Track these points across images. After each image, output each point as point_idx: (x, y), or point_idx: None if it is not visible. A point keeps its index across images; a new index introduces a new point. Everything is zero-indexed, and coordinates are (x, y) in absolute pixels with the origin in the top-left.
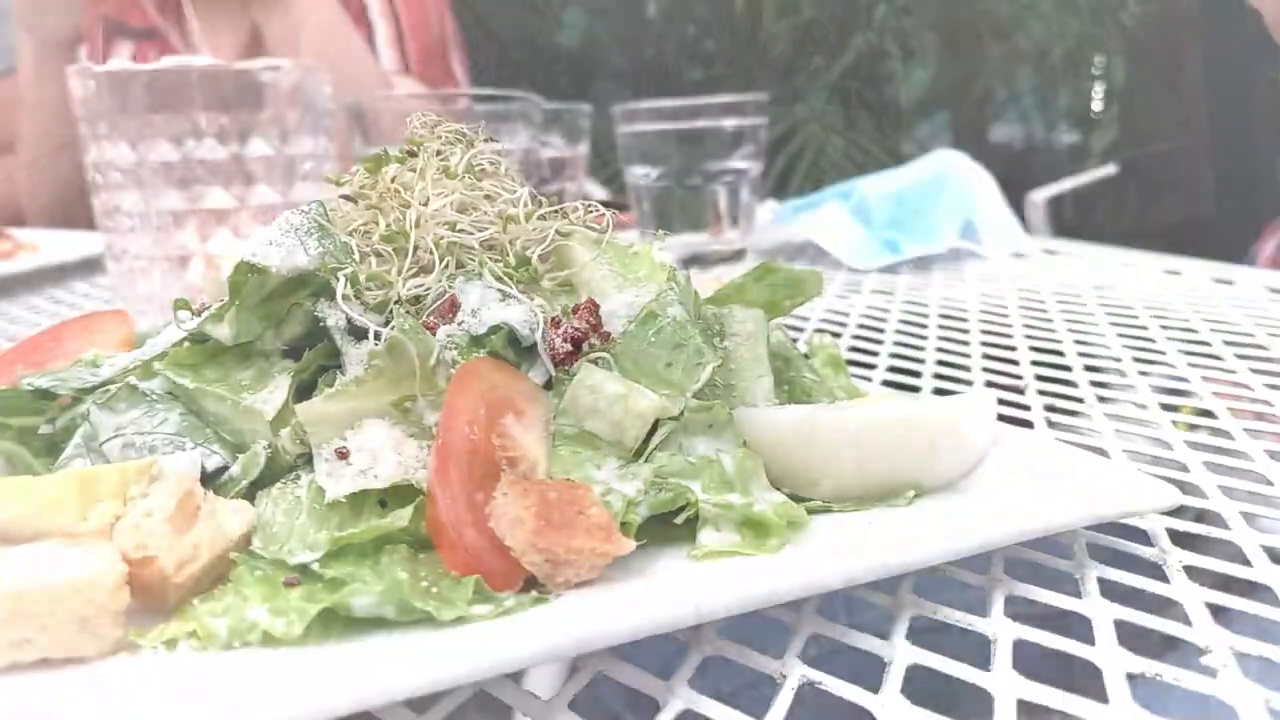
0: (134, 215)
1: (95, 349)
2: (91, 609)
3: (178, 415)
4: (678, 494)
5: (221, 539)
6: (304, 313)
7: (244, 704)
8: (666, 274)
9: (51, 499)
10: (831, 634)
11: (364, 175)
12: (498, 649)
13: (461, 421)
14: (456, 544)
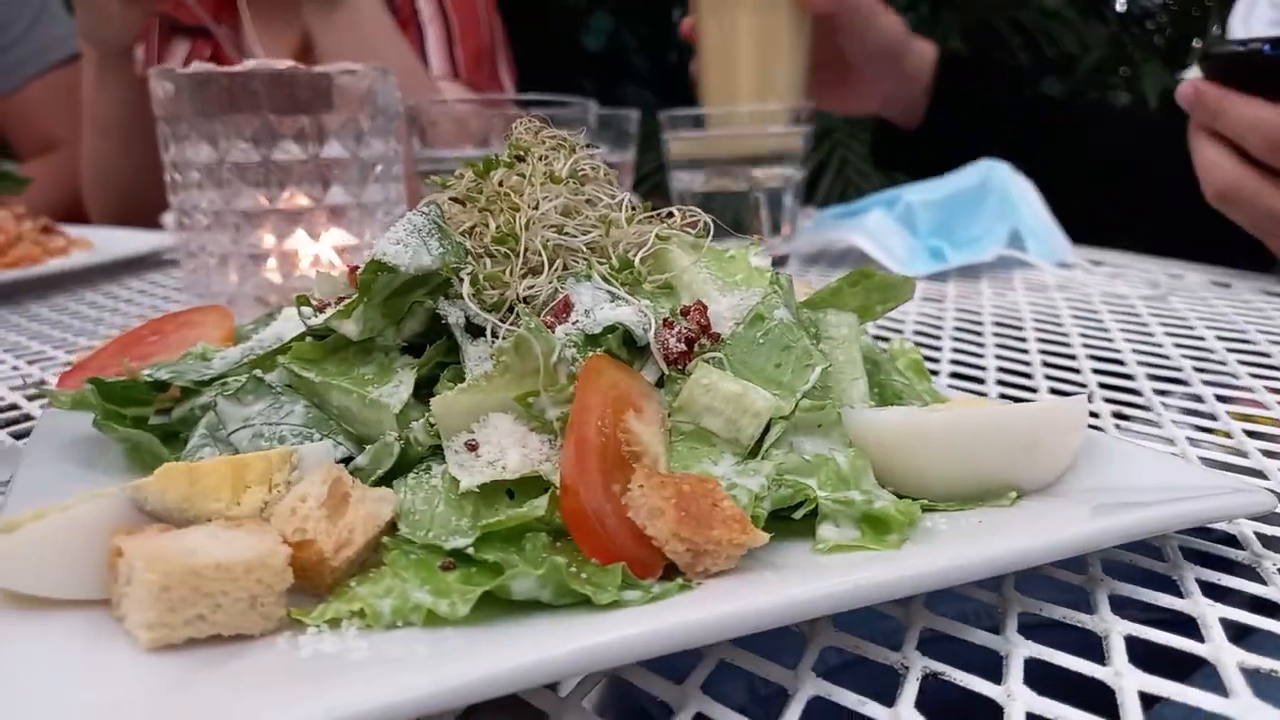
0: (211, 214)
1: (202, 342)
2: (260, 588)
3: (302, 408)
4: (797, 490)
5: (372, 524)
6: (423, 310)
7: (432, 677)
8: (763, 278)
9: (209, 485)
10: (944, 628)
11: (471, 179)
12: (657, 631)
13: (593, 417)
14: (599, 533)
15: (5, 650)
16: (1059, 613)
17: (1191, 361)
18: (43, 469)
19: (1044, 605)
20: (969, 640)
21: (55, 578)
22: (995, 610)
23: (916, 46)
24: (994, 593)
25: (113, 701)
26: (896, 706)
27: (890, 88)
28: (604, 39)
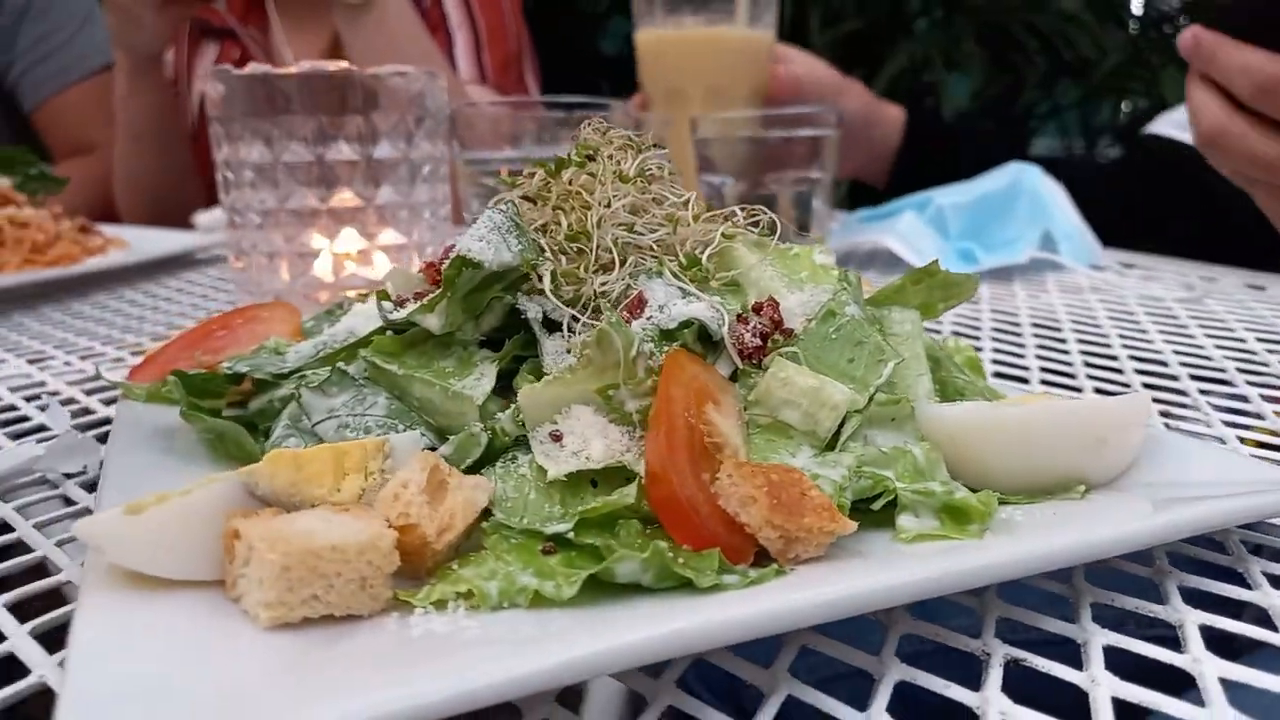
0: (264, 213)
1: (275, 336)
2: (370, 570)
3: (385, 399)
4: (876, 481)
5: (470, 510)
6: (501, 305)
7: (546, 655)
8: (828, 275)
9: (313, 471)
10: (1020, 617)
11: (541, 178)
12: (761, 613)
13: (680, 408)
14: (693, 520)
15: (134, 628)
16: (1131, 603)
17: (1234, 362)
18: (130, 458)
19: (1115, 596)
20: (1044, 629)
21: (174, 559)
22: (1067, 601)
23: (884, 115)
24: (1064, 584)
25: (240, 676)
26: (984, 691)
27: (861, 157)
28: (620, 43)
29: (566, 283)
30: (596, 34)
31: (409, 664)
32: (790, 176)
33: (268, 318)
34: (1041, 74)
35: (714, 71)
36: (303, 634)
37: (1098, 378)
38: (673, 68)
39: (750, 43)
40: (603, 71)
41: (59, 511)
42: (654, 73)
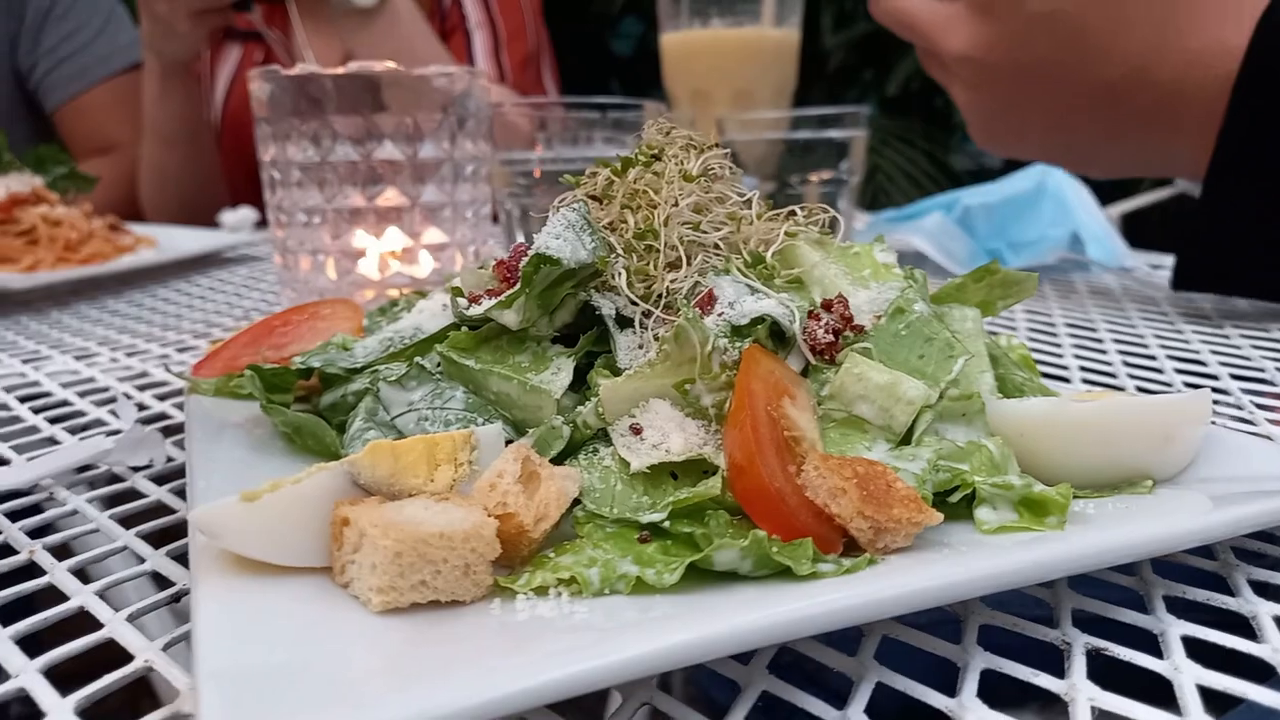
0: (312, 212)
1: (339, 333)
2: (474, 556)
3: (462, 393)
4: (954, 475)
5: (564, 499)
6: (574, 302)
7: (658, 639)
8: (891, 273)
9: (409, 461)
10: (1093, 609)
11: (607, 177)
12: (865, 599)
13: (761, 402)
14: (783, 510)
15: (252, 614)
16: (1201, 595)
17: (1272, 362)
18: (211, 451)
19: (1186, 589)
20: (1118, 620)
21: (286, 545)
22: (1136, 593)
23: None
24: (1132, 577)
25: (360, 659)
26: (1071, 678)
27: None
28: (631, 44)
29: (637, 280)
30: (608, 34)
31: (521, 647)
32: (817, 177)
33: (330, 314)
34: None
35: (740, 72)
36: (411, 618)
37: (1139, 377)
38: (699, 69)
39: (776, 43)
40: (613, 72)
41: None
42: (680, 74)
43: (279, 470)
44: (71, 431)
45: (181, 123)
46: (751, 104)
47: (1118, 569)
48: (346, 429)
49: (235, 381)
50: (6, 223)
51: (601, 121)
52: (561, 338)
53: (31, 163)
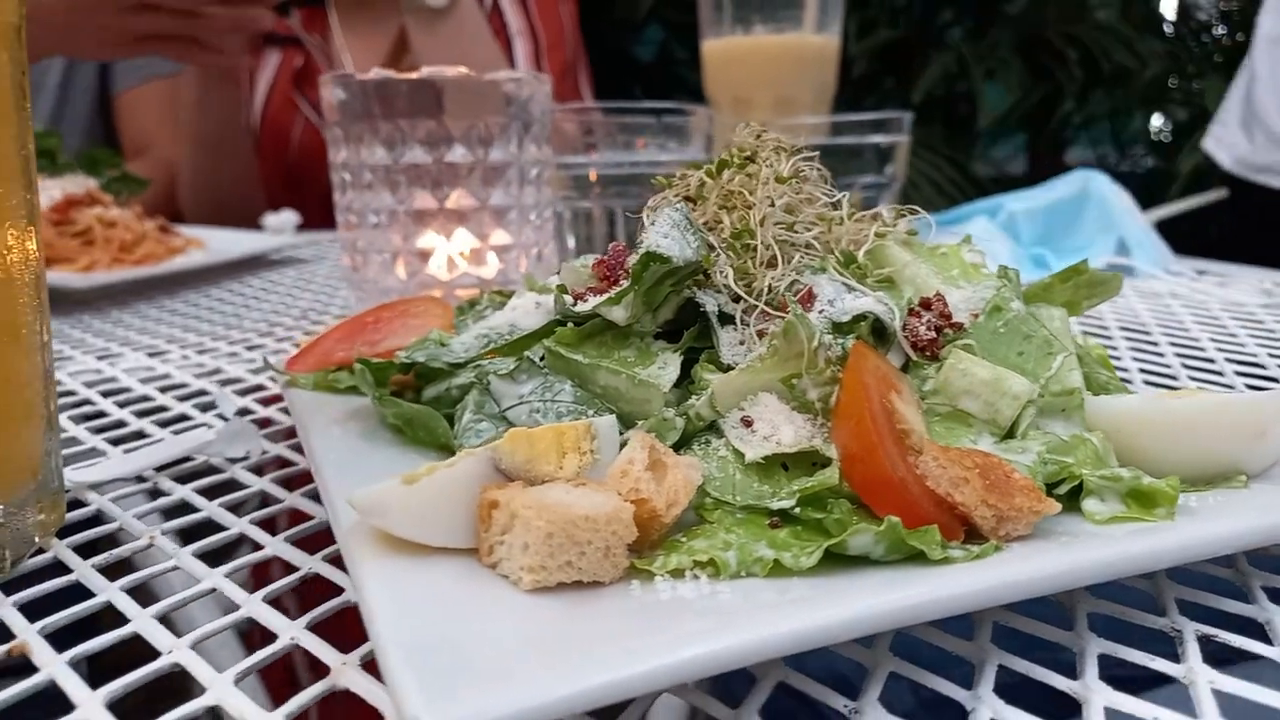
0: (383, 213)
1: (435, 329)
2: (614, 539)
3: (570, 387)
4: (1062, 467)
5: (691, 487)
6: (677, 299)
7: (804, 617)
8: (978, 273)
9: (542, 449)
10: (1198, 599)
11: (699, 178)
12: (1001, 582)
13: (875, 395)
14: (906, 499)
15: (420, 589)
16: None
17: None
18: (328, 441)
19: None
20: (1222, 609)
21: (438, 527)
22: (1233, 583)
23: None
24: (1228, 568)
25: (524, 631)
26: (1188, 662)
27: None
28: (655, 50)
29: (738, 278)
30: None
31: (675, 624)
32: (859, 182)
33: (422, 312)
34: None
35: (782, 78)
36: (559, 596)
37: (1199, 379)
38: (740, 75)
39: (818, 49)
40: (637, 78)
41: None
42: (721, 80)
43: (393, 460)
44: (161, 425)
45: (223, 131)
46: (793, 109)
47: (1214, 561)
48: (456, 421)
49: (332, 376)
50: (63, 224)
51: (654, 127)
52: (662, 334)
53: (85, 164)
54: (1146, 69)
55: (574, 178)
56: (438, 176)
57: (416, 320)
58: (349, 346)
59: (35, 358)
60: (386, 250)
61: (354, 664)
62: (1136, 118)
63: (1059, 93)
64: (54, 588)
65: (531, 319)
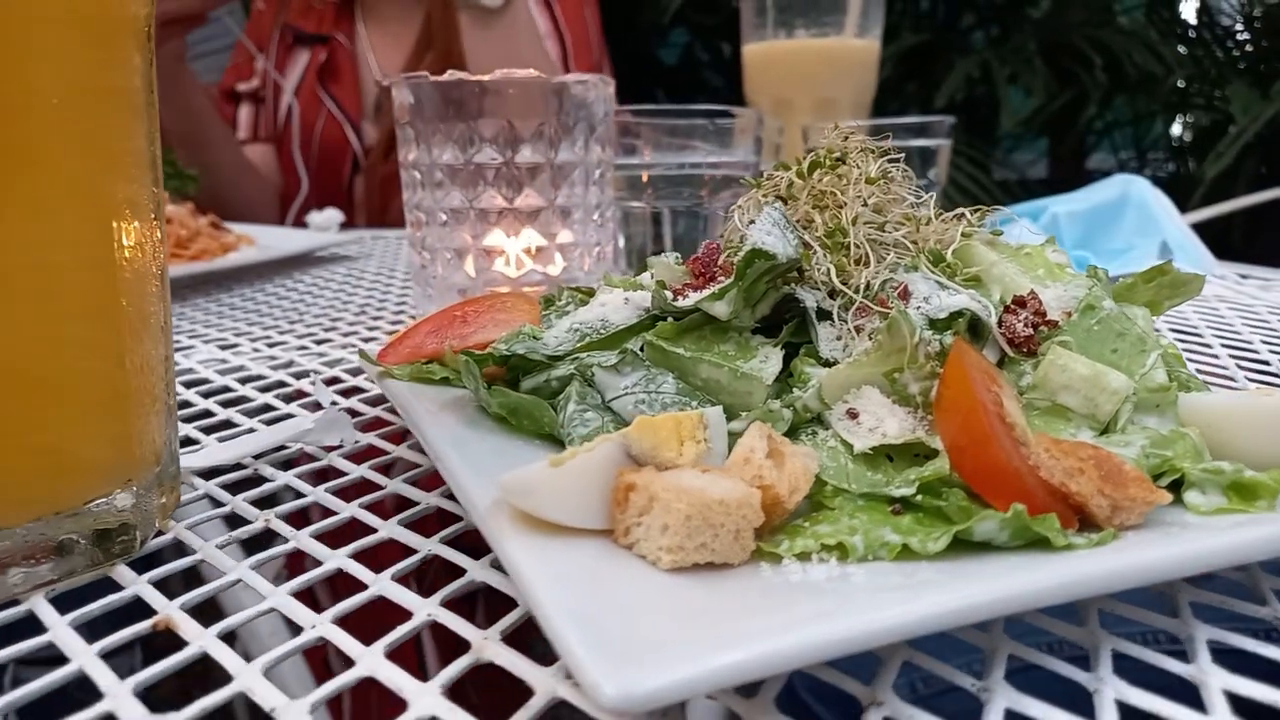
0: (453, 212)
1: (527, 324)
2: (743, 523)
3: (672, 379)
4: (1164, 461)
5: (810, 475)
6: (774, 295)
7: (940, 598)
8: (1063, 272)
9: (664, 436)
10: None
11: (788, 179)
12: (1129, 566)
13: (980, 388)
14: (1021, 488)
15: (569, 565)
16: None
17: None
18: (440, 430)
19: None
20: None
21: (577, 508)
22: None
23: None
24: None
25: (672, 605)
26: None
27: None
28: (679, 53)
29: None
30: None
31: (817, 603)
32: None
33: (510, 307)
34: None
35: (823, 81)
36: (695, 576)
37: (1257, 380)
38: (781, 78)
39: (859, 53)
40: (660, 81)
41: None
42: (762, 83)
43: (503, 447)
44: (247, 414)
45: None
46: (833, 112)
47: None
48: (560, 411)
49: (427, 367)
50: None
51: (706, 129)
52: (758, 329)
53: None
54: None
55: (626, 178)
56: (508, 176)
57: (504, 315)
58: (439, 340)
59: (160, 344)
60: (455, 248)
61: (494, 638)
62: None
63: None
64: (181, 566)
65: (621, 314)
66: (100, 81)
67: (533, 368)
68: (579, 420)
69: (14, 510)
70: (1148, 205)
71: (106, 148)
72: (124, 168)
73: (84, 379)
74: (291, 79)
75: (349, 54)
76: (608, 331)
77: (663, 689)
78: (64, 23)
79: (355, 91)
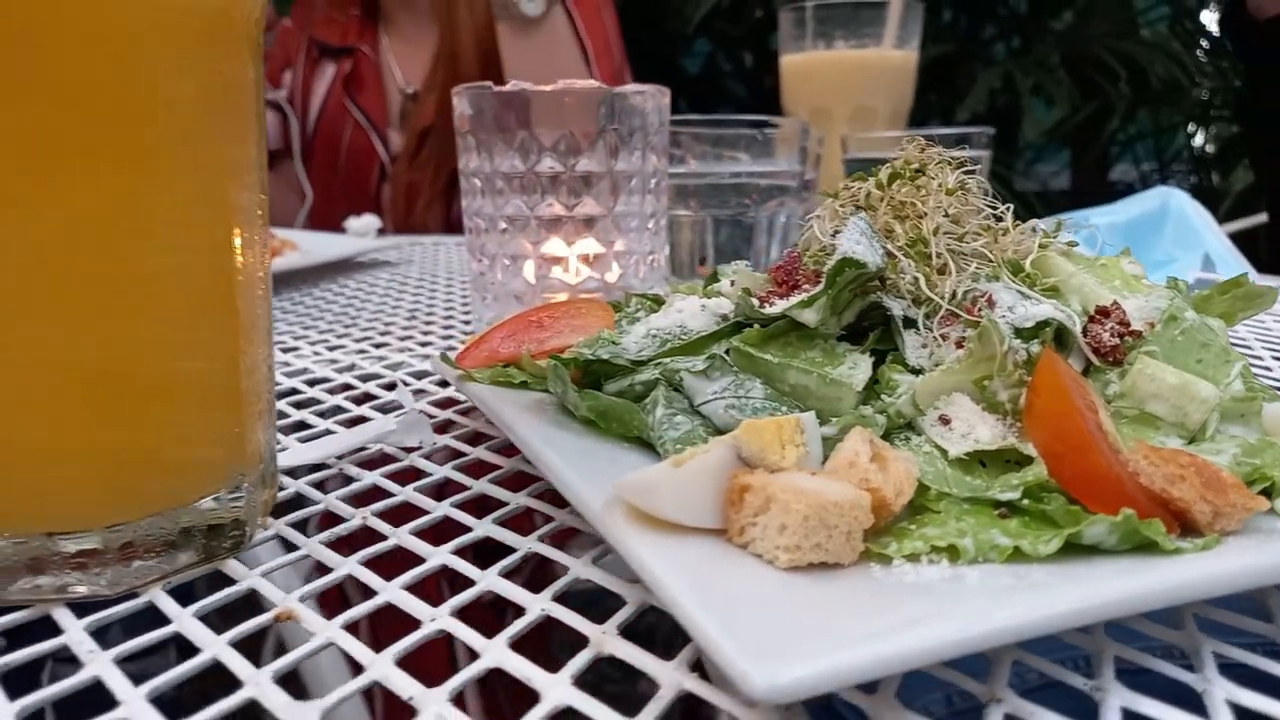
0: (513, 219)
1: (604, 329)
2: (855, 524)
3: (760, 384)
4: (1255, 469)
5: (913, 479)
6: (859, 303)
7: (1057, 598)
8: (1139, 284)
9: (768, 440)
10: None
11: (866, 190)
12: (1242, 568)
13: (1075, 395)
14: (1123, 494)
15: (695, 563)
16: None
17: None
18: (540, 430)
19: None
20: None
21: (693, 507)
22: None
23: None
24: None
25: (797, 601)
26: None
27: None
28: (702, 63)
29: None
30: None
31: (938, 602)
32: None
33: (586, 313)
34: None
35: (862, 91)
36: (810, 575)
37: None
38: (820, 88)
39: (898, 64)
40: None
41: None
42: (800, 92)
43: (595, 449)
44: (320, 415)
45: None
46: (871, 121)
47: None
48: (648, 414)
49: (506, 371)
50: None
51: (751, 139)
52: (842, 336)
53: None
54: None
55: (674, 187)
56: (568, 185)
57: (579, 321)
58: (516, 344)
59: (265, 345)
60: (514, 254)
61: (612, 633)
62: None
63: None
64: (286, 562)
65: (699, 320)
66: (220, 88)
67: (615, 372)
68: (669, 424)
69: (136, 504)
70: (1187, 217)
71: (226, 155)
72: (240, 174)
73: (203, 380)
74: (319, 91)
75: (373, 64)
76: (689, 338)
77: (809, 679)
78: (189, 29)
79: (380, 100)
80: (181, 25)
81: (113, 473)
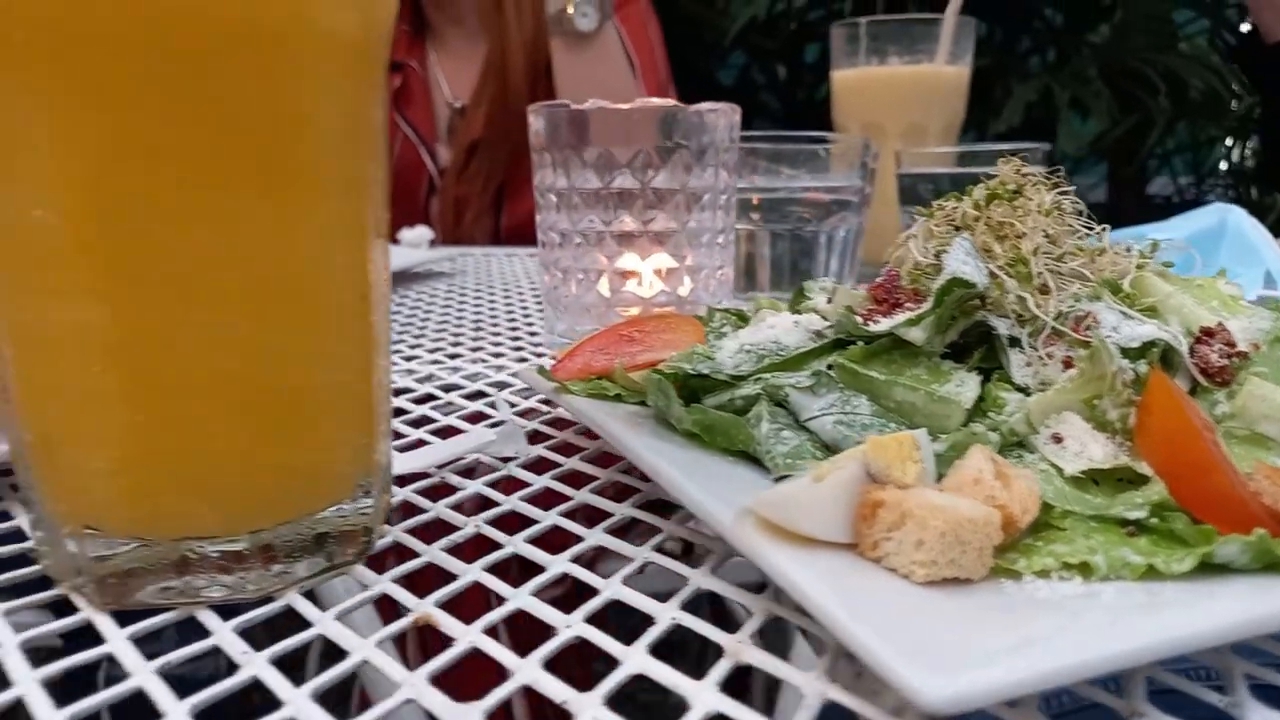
0: (589, 234)
1: (694, 343)
2: (986, 541)
3: (866, 401)
4: None
5: (1036, 496)
6: (964, 321)
7: (1194, 616)
8: (1237, 305)
9: (892, 456)
10: None
11: (965, 209)
12: None
13: (1192, 415)
14: (1247, 514)
15: (840, 576)
16: None
17: None
18: (649, 443)
19: None
20: None
21: (827, 521)
22: None
23: None
24: None
25: (948, 614)
26: None
27: None
28: (736, 75)
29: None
30: (716, 65)
31: (1079, 619)
32: None
33: (676, 328)
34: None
35: (914, 107)
36: (945, 590)
37: None
38: (872, 103)
39: (950, 80)
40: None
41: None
42: (852, 108)
43: (699, 460)
44: (411, 425)
45: None
46: (923, 137)
47: None
48: (753, 429)
49: (600, 383)
50: None
51: (812, 154)
52: (946, 354)
53: None
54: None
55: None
56: (643, 200)
57: (670, 335)
58: (609, 357)
59: (387, 357)
60: (588, 269)
61: (747, 642)
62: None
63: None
64: (410, 569)
65: (793, 337)
66: (357, 105)
67: (714, 387)
68: (775, 438)
69: (276, 511)
70: (1245, 234)
71: (363, 172)
72: (372, 190)
73: (342, 392)
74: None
75: (421, 80)
76: (786, 354)
77: (975, 691)
78: (334, 50)
79: (429, 115)
80: (328, 47)
81: (259, 479)
